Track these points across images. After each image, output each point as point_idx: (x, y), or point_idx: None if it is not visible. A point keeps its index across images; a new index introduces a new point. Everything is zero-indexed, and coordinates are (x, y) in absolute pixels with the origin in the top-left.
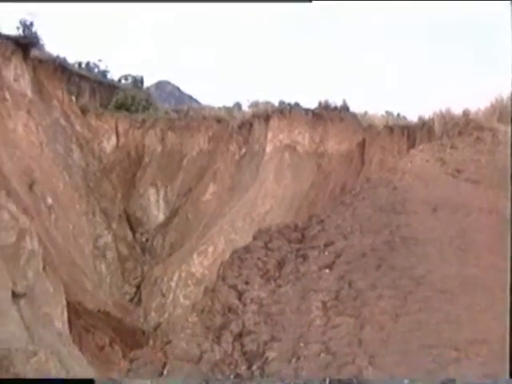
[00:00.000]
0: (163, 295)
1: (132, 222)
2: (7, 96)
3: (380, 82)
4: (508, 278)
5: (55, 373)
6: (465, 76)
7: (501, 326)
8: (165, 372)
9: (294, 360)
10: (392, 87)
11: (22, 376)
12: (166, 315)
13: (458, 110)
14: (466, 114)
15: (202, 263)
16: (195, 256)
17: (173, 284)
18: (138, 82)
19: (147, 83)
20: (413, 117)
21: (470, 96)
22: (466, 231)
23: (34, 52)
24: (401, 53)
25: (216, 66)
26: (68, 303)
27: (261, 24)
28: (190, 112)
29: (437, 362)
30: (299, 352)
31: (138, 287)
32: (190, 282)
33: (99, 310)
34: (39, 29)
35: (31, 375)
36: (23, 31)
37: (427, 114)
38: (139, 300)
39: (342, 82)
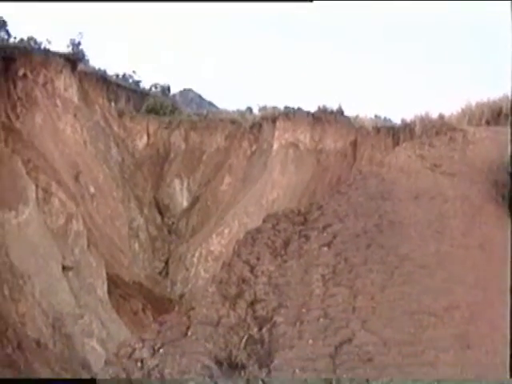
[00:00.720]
0: (187, 269)
1: (160, 208)
2: (58, 103)
3: (369, 91)
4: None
5: (97, 332)
6: (440, 85)
7: (471, 295)
8: (189, 333)
9: (297, 324)
10: (379, 95)
11: (71, 335)
12: (189, 286)
13: (434, 114)
14: (441, 117)
15: (219, 242)
16: (214, 236)
17: (195, 260)
18: (165, 89)
19: (173, 91)
20: (397, 119)
21: (444, 102)
22: (442, 216)
23: (81, 66)
24: (387, 65)
25: (231, 76)
26: (108, 275)
27: (266, 40)
28: (209, 115)
29: (418, 325)
30: (302, 317)
31: (166, 262)
32: (209, 258)
33: (134, 282)
34: (85, 46)
35: (78, 335)
36: (72, 49)
37: (409, 117)
38: (167, 273)
39: (337, 90)
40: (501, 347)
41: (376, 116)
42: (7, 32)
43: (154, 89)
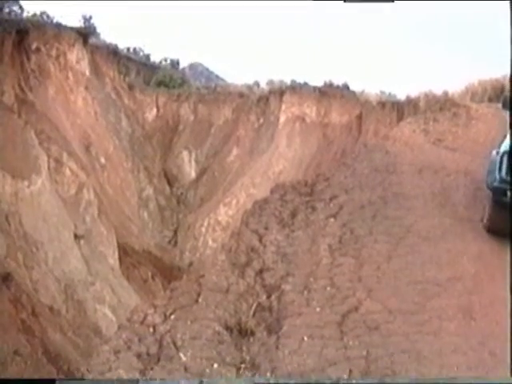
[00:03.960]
0: (195, 238)
1: (169, 179)
2: (70, 75)
3: (375, 67)
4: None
5: (108, 299)
6: (444, 63)
7: (473, 267)
8: (199, 300)
9: (305, 292)
10: (384, 71)
11: (83, 302)
12: (198, 255)
13: (438, 91)
14: (445, 93)
15: (226, 213)
16: (221, 207)
17: (203, 229)
18: (174, 63)
19: (182, 64)
20: (401, 96)
21: (448, 80)
22: (445, 189)
23: (92, 40)
24: (395, 42)
25: (239, 50)
26: (118, 244)
27: (275, 15)
28: (217, 88)
29: (422, 295)
30: (309, 286)
31: (175, 232)
32: (217, 228)
33: (143, 250)
34: (96, 21)
35: (90, 301)
36: (84, 23)
37: (413, 93)
38: (175, 242)
39: (343, 66)
40: (502, 317)
41: (381, 91)
42: (20, 7)
43: (163, 62)
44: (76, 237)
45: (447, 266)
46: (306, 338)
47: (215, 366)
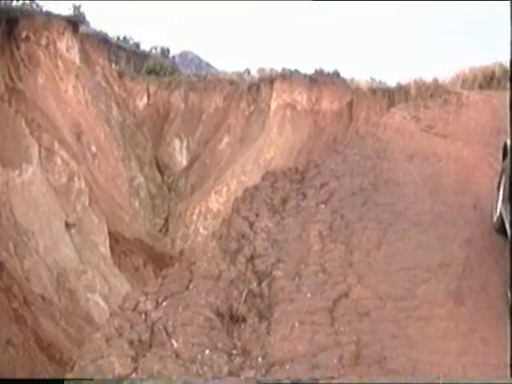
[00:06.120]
0: (186, 226)
1: (160, 167)
2: (60, 64)
3: (366, 55)
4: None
5: (100, 288)
6: (435, 50)
7: (463, 253)
8: (191, 286)
9: (296, 278)
10: (375, 59)
11: (75, 290)
12: (189, 243)
13: (429, 78)
14: (435, 80)
15: (217, 200)
16: (212, 194)
17: (194, 217)
18: (165, 51)
19: (173, 53)
20: (392, 83)
21: (439, 67)
22: (436, 175)
23: (82, 28)
24: (386, 30)
25: (229, 38)
26: (109, 232)
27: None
28: (207, 76)
29: (412, 281)
30: (300, 272)
31: (166, 220)
32: (208, 216)
33: (134, 238)
34: (86, 9)
35: (82, 290)
36: (73, 12)
37: (404, 81)
38: (167, 230)
39: (333, 54)
40: (493, 303)
41: (372, 79)
42: None
43: (153, 50)
44: (67, 225)
45: (437, 251)
46: (296, 324)
47: (207, 352)
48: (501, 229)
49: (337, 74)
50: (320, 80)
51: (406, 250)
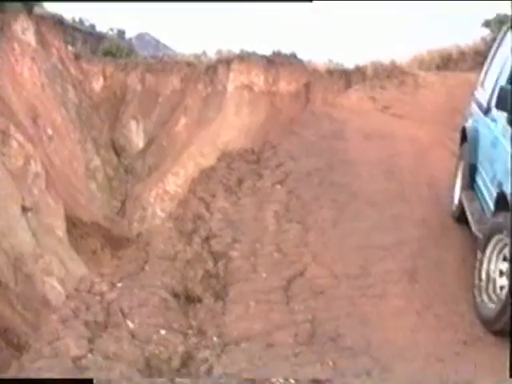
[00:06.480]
0: (144, 209)
1: (117, 149)
2: (16, 46)
3: (323, 37)
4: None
5: (57, 271)
6: (392, 32)
7: (418, 232)
8: (146, 268)
9: (252, 258)
10: (333, 42)
11: (32, 275)
12: (146, 225)
13: (386, 60)
14: (393, 62)
15: (175, 182)
16: (169, 176)
17: (151, 200)
18: (121, 33)
19: (129, 35)
20: (350, 65)
21: (397, 50)
22: (391, 155)
23: (37, 9)
24: (344, 14)
25: (186, 20)
26: (66, 216)
27: None
28: (164, 58)
29: (367, 259)
30: (256, 252)
31: (123, 202)
32: (165, 198)
33: (92, 222)
34: None
35: (39, 274)
36: None
37: (361, 63)
38: (124, 213)
39: (291, 37)
40: (447, 280)
41: (329, 60)
42: None
43: (110, 32)
44: (24, 209)
45: (392, 230)
46: (252, 304)
47: (162, 332)
48: (460, 218)
49: (294, 55)
50: (277, 61)
51: (361, 229)
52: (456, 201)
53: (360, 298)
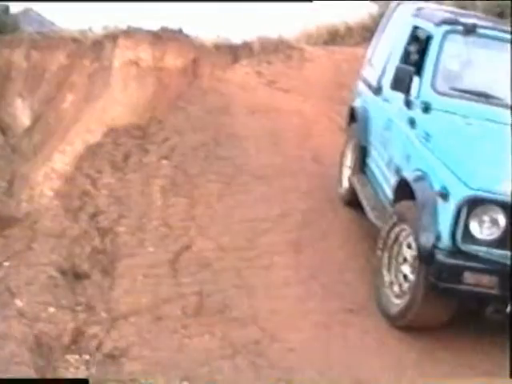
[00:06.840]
0: (31, 188)
1: (3, 128)
2: None
3: (211, 15)
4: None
5: None
6: (282, 10)
7: (304, 204)
8: (34, 246)
9: (138, 233)
10: (221, 19)
11: None
12: (35, 204)
13: (274, 36)
14: (280, 37)
15: (62, 160)
16: (56, 154)
17: (39, 178)
18: (5, 9)
19: (14, 10)
20: (238, 40)
21: (286, 26)
22: (277, 129)
23: None
24: None
25: None
26: None
27: None
28: (50, 34)
29: (253, 232)
30: (143, 227)
31: (11, 182)
32: (53, 176)
33: None
34: None
35: None
36: None
37: (249, 38)
38: (12, 193)
39: (178, 13)
40: (332, 251)
41: (217, 36)
42: None
43: None
44: None
45: (278, 203)
46: (140, 278)
47: (51, 309)
48: (351, 202)
49: (181, 31)
50: (164, 37)
51: (247, 202)
52: (346, 184)
53: (247, 270)
